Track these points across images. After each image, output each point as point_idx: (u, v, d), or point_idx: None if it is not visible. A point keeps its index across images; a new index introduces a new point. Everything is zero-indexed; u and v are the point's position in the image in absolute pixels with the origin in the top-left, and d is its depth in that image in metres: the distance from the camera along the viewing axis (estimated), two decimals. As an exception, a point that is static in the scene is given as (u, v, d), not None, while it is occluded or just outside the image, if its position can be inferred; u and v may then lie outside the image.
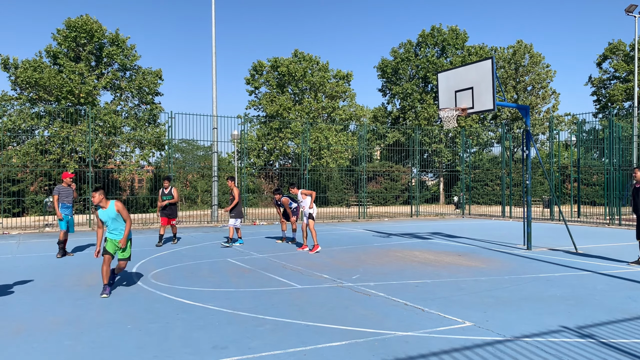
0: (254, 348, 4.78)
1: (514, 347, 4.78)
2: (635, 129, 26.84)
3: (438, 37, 40.66)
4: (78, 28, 29.41)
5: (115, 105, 31.63)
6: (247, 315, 5.97)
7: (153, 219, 21.75)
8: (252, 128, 37.70)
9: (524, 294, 7.16)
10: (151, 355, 4.62)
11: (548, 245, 12.76)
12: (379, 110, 43.92)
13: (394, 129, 39.38)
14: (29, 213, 26.44)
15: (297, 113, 37.39)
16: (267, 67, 39.05)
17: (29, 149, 27.20)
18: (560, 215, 14.67)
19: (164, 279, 8.30)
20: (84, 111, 25.83)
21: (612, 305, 6.44)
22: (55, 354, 4.66)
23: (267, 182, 37.40)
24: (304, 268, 9.36)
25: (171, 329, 5.45)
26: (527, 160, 12.22)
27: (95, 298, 6.92)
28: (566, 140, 30.56)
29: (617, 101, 39.39)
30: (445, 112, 12.27)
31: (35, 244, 13.30)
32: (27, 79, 27.76)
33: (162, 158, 33.50)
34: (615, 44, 40.70)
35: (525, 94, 40.84)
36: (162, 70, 33.67)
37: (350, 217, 23.80)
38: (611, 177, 20.04)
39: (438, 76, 13.14)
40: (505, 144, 25.81)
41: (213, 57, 21.89)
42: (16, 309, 6.28)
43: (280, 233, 15.34)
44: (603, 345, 4.85)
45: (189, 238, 14.76)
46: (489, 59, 11.47)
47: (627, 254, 11.14)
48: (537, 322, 5.64)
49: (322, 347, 4.82)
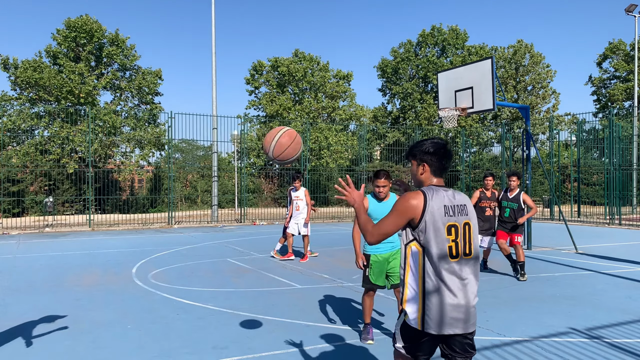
0: (254, 348, 4.77)
1: (514, 347, 4.77)
2: (635, 128, 26.83)
3: (438, 37, 40.63)
4: (78, 28, 29.40)
5: (115, 105, 31.63)
6: (247, 315, 5.96)
7: (153, 219, 21.74)
8: (252, 128, 37.67)
9: (524, 294, 7.15)
10: (151, 355, 4.62)
11: (548, 245, 12.76)
12: (379, 110, 43.88)
13: (394, 129, 39.36)
14: (29, 213, 26.43)
15: (297, 113, 37.38)
16: (267, 67, 39.03)
17: (28, 149, 27.19)
18: (560, 215, 14.68)
19: (164, 279, 8.30)
20: (84, 111, 25.82)
21: (613, 305, 6.44)
22: (55, 354, 4.66)
23: (267, 182, 37.39)
24: (304, 268, 9.36)
25: (171, 329, 5.44)
26: (527, 160, 12.22)
27: (95, 298, 6.90)
28: (566, 140, 30.55)
29: (617, 101, 39.37)
30: (445, 112, 12.27)
31: (35, 244, 13.30)
32: (27, 79, 27.75)
33: (162, 158, 33.50)
34: (616, 44, 40.67)
35: (526, 94, 40.81)
36: (162, 70, 33.66)
37: (350, 217, 23.79)
38: (611, 176, 20.02)
39: (438, 76, 13.13)
40: (505, 144, 25.80)
41: (213, 57, 21.89)
42: (16, 309, 6.28)
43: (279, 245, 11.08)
44: (603, 345, 4.85)
45: (189, 238, 14.75)
46: (489, 59, 11.47)
47: (627, 253, 11.14)
48: (537, 322, 5.63)
49: (322, 347, 4.82)
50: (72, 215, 23.32)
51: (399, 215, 2.66)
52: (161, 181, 29.68)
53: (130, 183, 36.51)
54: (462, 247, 2.66)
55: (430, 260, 2.62)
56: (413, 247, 2.67)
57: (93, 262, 10.04)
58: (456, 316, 2.61)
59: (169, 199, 19.96)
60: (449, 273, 2.62)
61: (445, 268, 2.62)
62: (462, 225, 2.69)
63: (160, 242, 13.76)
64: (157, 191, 30.05)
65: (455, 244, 2.64)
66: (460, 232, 2.67)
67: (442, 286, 2.61)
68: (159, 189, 29.81)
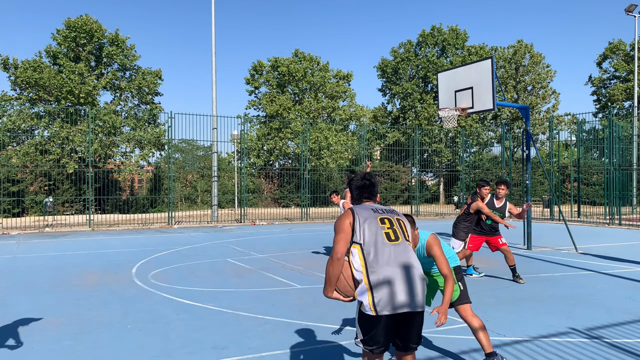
0: (254, 348, 4.77)
1: (514, 347, 4.77)
2: (635, 128, 26.84)
3: (438, 37, 40.63)
4: (78, 28, 29.40)
5: (115, 105, 31.62)
6: (247, 315, 5.96)
7: (153, 219, 21.75)
8: (252, 128, 37.69)
9: (524, 294, 7.15)
10: (151, 355, 4.62)
11: (548, 245, 12.76)
12: (379, 110, 43.89)
13: (394, 129, 39.36)
14: (29, 213, 26.43)
15: (297, 113, 37.37)
16: (267, 67, 39.03)
17: (28, 149, 27.19)
18: (560, 215, 14.67)
19: (164, 279, 8.30)
20: (84, 111, 25.83)
21: (613, 305, 6.44)
22: (55, 354, 4.66)
23: (267, 182, 37.39)
24: (304, 268, 9.36)
25: (171, 329, 5.44)
26: (527, 160, 12.22)
27: (95, 298, 6.91)
28: (566, 140, 30.55)
29: (617, 101, 39.38)
30: (445, 112, 12.27)
31: (35, 244, 13.30)
32: (27, 79, 27.75)
33: (162, 158, 33.51)
34: (616, 44, 40.67)
35: (526, 94, 40.82)
36: (162, 70, 33.71)
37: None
38: (611, 176, 20.02)
39: (438, 76, 13.13)
40: (505, 144, 25.81)
41: (213, 57, 21.89)
42: (16, 309, 6.28)
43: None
44: (603, 345, 4.85)
45: (189, 238, 14.75)
46: (489, 59, 11.47)
47: (627, 253, 11.14)
48: (538, 322, 5.63)
49: (322, 347, 4.82)
50: (72, 215, 23.33)
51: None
52: (161, 181, 29.69)
53: (130, 183, 36.53)
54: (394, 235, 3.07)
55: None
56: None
57: (93, 262, 10.03)
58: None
59: (169, 199, 19.96)
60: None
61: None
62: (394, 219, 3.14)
63: (160, 242, 13.76)
64: (157, 191, 30.07)
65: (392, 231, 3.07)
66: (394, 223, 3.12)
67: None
68: (159, 189, 29.82)
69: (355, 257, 2.99)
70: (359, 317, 3.01)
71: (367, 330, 2.95)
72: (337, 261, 2.98)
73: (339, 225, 3.07)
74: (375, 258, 2.94)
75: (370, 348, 2.99)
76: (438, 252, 3.63)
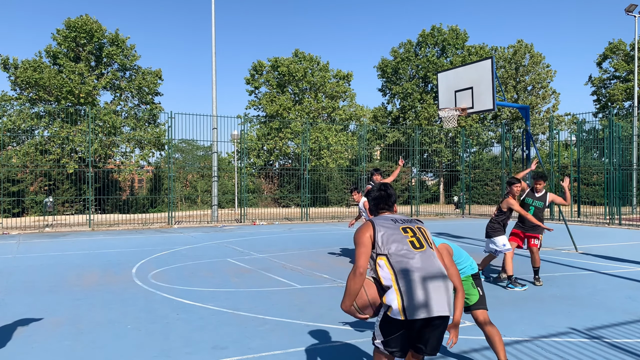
0: (254, 348, 4.77)
1: (514, 347, 4.77)
2: (635, 128, 26.84)
3: (438, 37, 40.62)
4: (78, 28, 29.40)
5: (115, 105, 31.63)
6: (247, 315, 5.96)
7: (153, 219, 21.74)
8: (252, 128, 37.70)
9: (524, 294, 7.15)
10: (151, 355, 4.62)
11: (548, 245, 12.75)
12: (379, 110, 43.88)
13: (394, 129, 39.35)
14: (29, 213, 26.43)
15: (297, 113, 37.38)
16: (267, 67, 39.03)
17: (28, 149, 27.19)
18: (560, 215, 14.68)
19: (164, 279, 8.29)
20: (84, 111, 25.82)
21: (613, 305, 6.44)
22: (55, 354, 4.66)
23: (267, 182, 37.39)
24: (304, 268, 9.36)
25: (171, 329, 5.44)
26: (527, 160, 12.22)
27: (95, 298, 6.90)
28: (566, 140, 30.54)
29: (617, 101, 39.37)
30: (445, 112, 12.27)
31: (35, 244, 13.29)
32: (27, 79, 27.75)
33: (162, 158, 33.52)
34: (616, 44, 40.67)
35: (526, 94, 40.81)
36: (162, 70, 33.70)
37: (350, 217, 23.78)
38: (611, 176, 20.02)
39: (438, 76, 13.14)
40: (505, 144, 25.81)
41: (213, 57, 21.89)
42: (16, 309, 6.27)
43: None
44: (603, 345, 4.85)
45: (189, 238, 14.75)
46: (489, 59, 11.47)
47: (628, 253, 11.14)
48: (537, 322, 5.63)
49: (322, 347, 4.82)
50: (72, 215, 23.33)
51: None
52: (161, 181, 29.71)
53: (130, 183, 36.55)
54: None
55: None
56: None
57: (93, 262, 10.03)
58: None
59: (169, 199, 19.96)
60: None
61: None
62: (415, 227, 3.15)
63: (160, 242, 13.75)
64: (157, 191, 30.09)
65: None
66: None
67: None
68: (159, 189, 29.84)
69: (384, 268, 3.00)
70: (382, 320, 3.03)
71: (391, 333, 2.98)
72: (359, 276, 2.98)
73: (358, 239, 3.09)
74: (405, 266, 2.95)
75: (392, 350, 3.02)
76: (448, 262, 3.39)
